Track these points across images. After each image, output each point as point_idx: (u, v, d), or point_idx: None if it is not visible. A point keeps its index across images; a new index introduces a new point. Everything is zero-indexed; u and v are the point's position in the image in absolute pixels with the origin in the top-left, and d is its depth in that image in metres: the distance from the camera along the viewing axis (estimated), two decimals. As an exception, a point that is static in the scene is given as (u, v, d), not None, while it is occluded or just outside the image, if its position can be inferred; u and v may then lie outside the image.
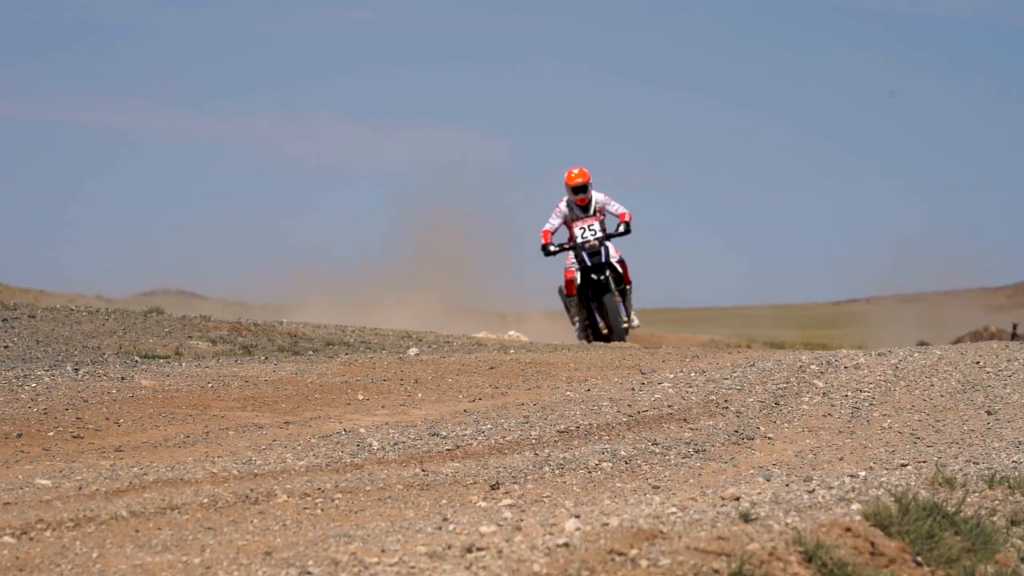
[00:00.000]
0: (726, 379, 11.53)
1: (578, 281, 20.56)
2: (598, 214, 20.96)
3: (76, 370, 11.42)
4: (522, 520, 7.03)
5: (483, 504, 7.76)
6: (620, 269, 20.75)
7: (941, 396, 11.15)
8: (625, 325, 20.64)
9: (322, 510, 7.57)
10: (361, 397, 11.06)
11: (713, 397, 10.86)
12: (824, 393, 11.16)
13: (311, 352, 14.46)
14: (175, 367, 11.99)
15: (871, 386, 11.42)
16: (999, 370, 11.92)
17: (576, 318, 20.73)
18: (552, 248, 20.77)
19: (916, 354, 12.62)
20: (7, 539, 6.79)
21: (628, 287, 20.87)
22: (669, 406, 10.54)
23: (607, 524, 6.73)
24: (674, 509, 7.18)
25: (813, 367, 12.01)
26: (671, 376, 11.79)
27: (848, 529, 6.81)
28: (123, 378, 11.15)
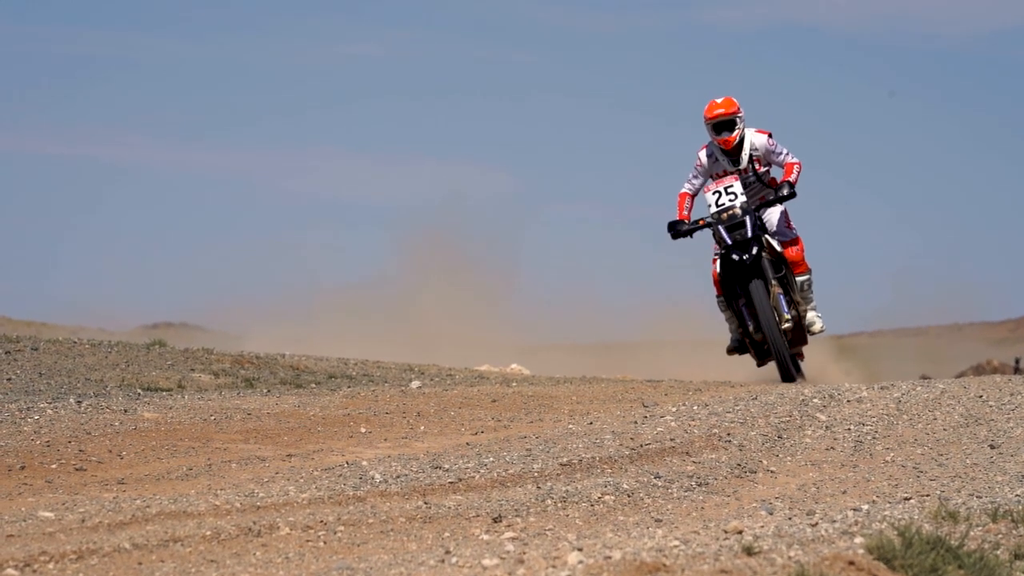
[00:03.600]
0: (728, 412, 11.52)
1: (717, 270, 14.39)
2: (757, 163, 14.40)
3: (79, 402, 11.42)
4: (525, 553, 7.02)
5: (486, 537, 7.75)
6: (780, 248, 14.39)
7: (944, 430, 11.14)
8: (787, 324, 14.23)
9: (325, 543, 7.56)
10: (364, 430, 11.06)
11: (716, 430, 10.85)
12: (827, 427, 11.16)
13: (313, 385, 14.46)
14: (178, 400, 11.99)
15: (874, 420, 11.42)
16: (1002, 404, 11.91)
17: (729, 326, 14.72)
18: (684, 227, 14.36)
19: (919, 388, 12.61)
20: (10, 571, 6.78)
21: (801, 277, 14.45)
22: (672, 439, 10.53)
23: (610, 557, 6.72)
24: (677, 542, 7.17)
25: (816, 401, 12.00)
26: (673, 409, 11.79)
27: (851, 563, 6.80)
28: (126, 411, 11.15)
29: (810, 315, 14.78)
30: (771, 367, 15.12)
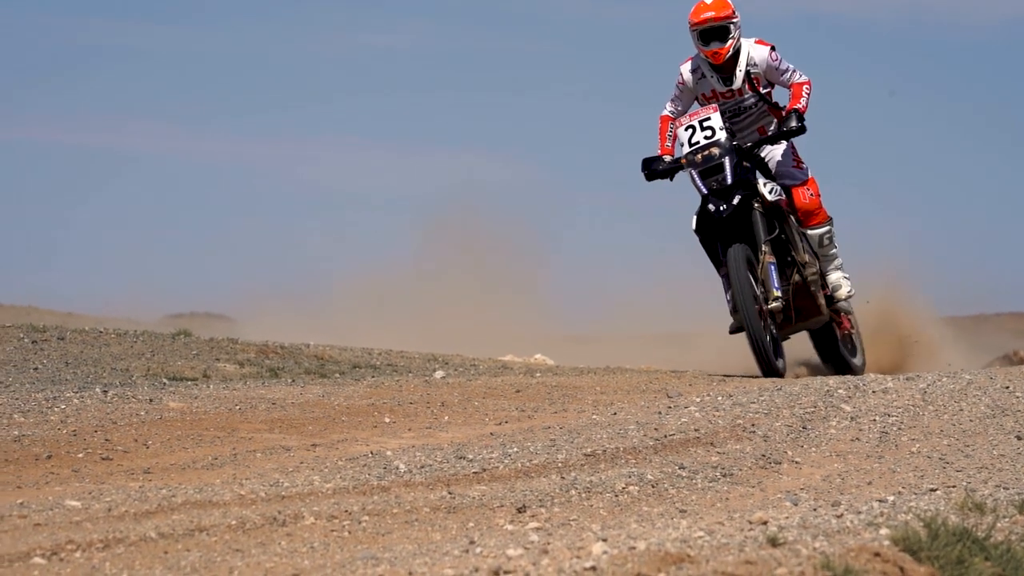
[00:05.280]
0: (753, 403, 11.50)
1: (693, 227, 11.66)
2: (756, 83, 11.44)
3: (105, 392, 11.46)
4: (549, 543, 7.02)
5: (510, 527, 7.75)
6: (774, 196, 11.43)
7: (970, 421, 11.11)
8: (775, 304, 11.41)
9: (349, 532, 7.57)
10: (388, 420, 11.07)
11: (740, 421, 10.83)
12: (852, 417, 11.13)
13: (338, 375, 14.49)
14: (203, 389, 12.02)
15: (899, 410, 11.38)
16: (1028, 395, 11.87)
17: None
18: (662, 166, 11.50)
19: (945, 379, 12.57)
20: (38, 560, 6.81)
21: (817, 229, 11.64)
22: (696, 430, 10.52)
23: (634, 548, 6.72)
24: (701, 533, 7.17)
25: (841, 391, 11.97)
26: (698, 400, 11.77)
27: (877, 554, 6.79)
28: (151, 400, 11.18)
29: (833, 276, 11.90)
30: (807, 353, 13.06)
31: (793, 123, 11.34)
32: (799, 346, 13.75)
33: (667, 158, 11.66)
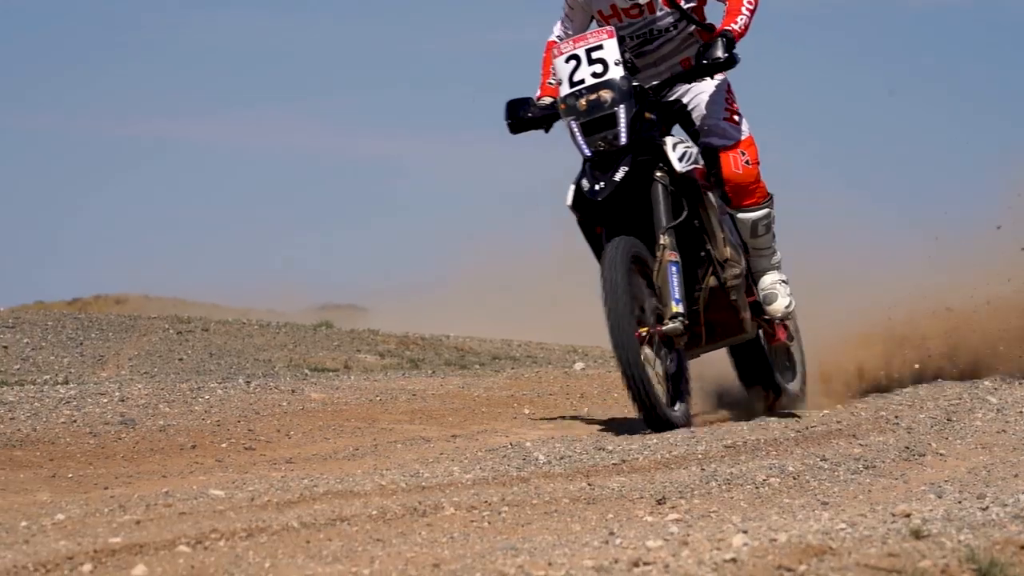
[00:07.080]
0: (896, 395, 11.37)
1: (568, 202, 8.43)
2: None
3: (248, 383, 11.62)
4: (689, 535, 7.00)
5: (649, 519, 7.73)
6: (684, 165, 8.16)
7: (1120, 413, 10.88)
8: (670, 326, 8.29)
9: (489, 523, 7.60)
10: (527, 411, 11.10)
11: (883, 413, 10.71)
12: (998, 409, 10.95)
13: (478, 366, 14.56)
14: (344, 380, 12.15)
15: (1047, 402, 11.18)
16: None
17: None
18: (531, 114, 8.33)
19: (1094, 370, 12.33)
20: (182, 548, 6.92)
21: (751, 212, 8.44)
22: (838, 422, 10.41)
23: (775, 540, 6.67)
24: (843, 525, 7.09)
25: (986, 383, 11.79)
26: (840, 391, 11.65)
27: (1023, 547, 6.67)
28: (293, 391, 11.32)
29: (767, 280, 8.71)
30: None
31: (718, 52, 7.93)
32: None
33: (546, 100, 8.38)
